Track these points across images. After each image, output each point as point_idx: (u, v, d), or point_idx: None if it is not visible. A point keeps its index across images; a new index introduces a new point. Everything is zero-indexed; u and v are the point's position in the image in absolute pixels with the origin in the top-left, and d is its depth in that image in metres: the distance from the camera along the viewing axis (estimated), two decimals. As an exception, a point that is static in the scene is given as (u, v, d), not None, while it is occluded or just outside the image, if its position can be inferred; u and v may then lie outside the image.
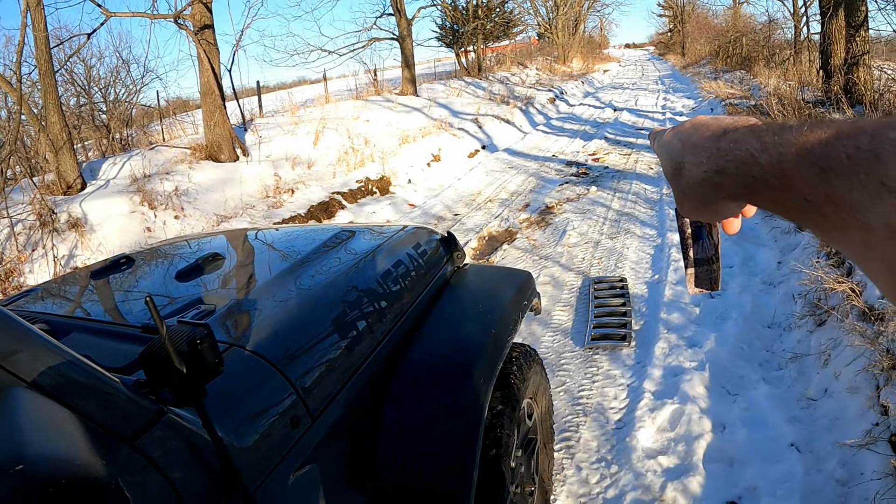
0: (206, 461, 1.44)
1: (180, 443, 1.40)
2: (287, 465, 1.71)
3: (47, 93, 9.55)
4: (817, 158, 0.49)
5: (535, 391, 3.01)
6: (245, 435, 1.62)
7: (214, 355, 1.39)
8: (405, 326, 2.52)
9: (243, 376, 1.76)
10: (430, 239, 3.13)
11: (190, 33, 11.32)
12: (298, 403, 1.81)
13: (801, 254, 5.75)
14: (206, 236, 3.55)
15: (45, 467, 0.96)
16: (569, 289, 6.25)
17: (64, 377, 1.22)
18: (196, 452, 1.43)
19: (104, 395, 1.28)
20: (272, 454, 1.68)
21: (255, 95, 16.81)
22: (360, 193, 11.03)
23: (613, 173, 11.48)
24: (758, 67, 21.33)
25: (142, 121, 14.90)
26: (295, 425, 1.78)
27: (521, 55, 35.00)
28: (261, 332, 1.95)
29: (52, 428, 1.08)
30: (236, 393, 1.70)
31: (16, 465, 0.92)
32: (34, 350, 1.20)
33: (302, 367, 1.90)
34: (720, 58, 32.38)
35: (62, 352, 1.25)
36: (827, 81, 11.63)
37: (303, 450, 1.78)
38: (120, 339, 1.90)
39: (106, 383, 1.31)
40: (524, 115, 19.85)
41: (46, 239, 7.98)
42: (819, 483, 3.27)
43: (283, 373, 1.82)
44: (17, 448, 0.95)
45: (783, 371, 4.37)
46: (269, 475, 1.64)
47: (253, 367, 1.80)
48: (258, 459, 1.62)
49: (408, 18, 20.20)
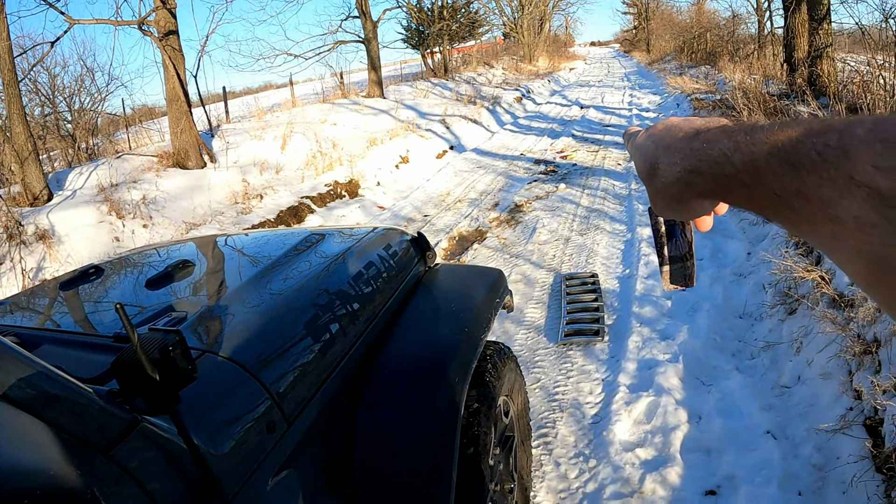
0: (183, 469, 1.42)
1: (156, 452, 1.38)
2: (264, 471, 1.69)
3: (11, 103, 9.42)
4: (788, 155, 0.51)
5: (511, 388, 3.01)
6: (221, 442, 1.60)
7: (187, 362, 1.37)
8: (378, 328, 2.51)
9: (217, 382, 1.74)
10: (401, 240, 3.12)
11: (154, 39, 11.23)
12: (274, 408, 1.79)
13: (770, 244, 5.80)
14: (176, 244, 3.51)
15: (19, 479, 0.94)
16: (540, 286, 6.26)
17: (35, 388, 1.19)
18: (172, 461, 1.41)
19: (77, 406, 1.26)
20: (249, 460, 1.66)
21: (221, 101, 16.73)
22: (329, 197, 10.99)
23: (582, 170, 11.52)
24: (722, 62, 21.49)
25: (107, 129, 14.76)
26: (271, 430, 1.76)
27: (487, 55, 35.07)
28: (233, 337, 1.93)
29: (23, 439, 1.05)
30: (211, 399, 1.68)
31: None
32: (4, 361, 1.18)
33: (276, 372, 1.88)
34: (685, 53, 32.56)
35: (32, 363, 1.23)
36: (791, 74, 11.75)
37: (279, 455, 1.77)
38: (91, 350, 1.87)
39: (78, 394, 1.28)
40: (491, 114, 19.87)
41: (14, 252, 7.88)
42: (796, 469, 3.30)
43: (258, 378, 1.80)
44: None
45: (756, 360, 4.41)
46: (246, 482, 1.62)
47: (227, 373, 1.78)
48: (235, 466, 1.60)
49: (373, 21, 20.17)
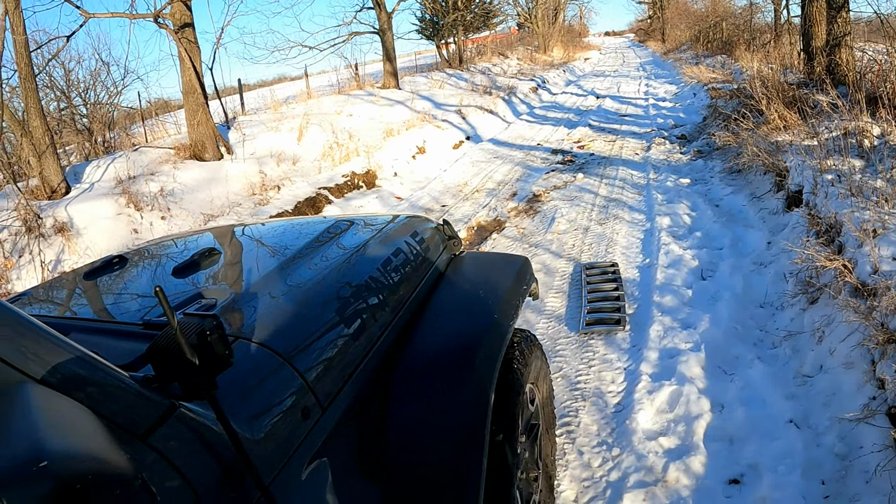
0: (221, 455, 1.42)
1: (193, 438, 1.38)
2: (299, 457, 1.70)
3: (28, 97, 9.46)
4: None
5: (537, 376, 3.01)
6: (257, 427, 1.60)
7: (224, 347, 1.37)
8: (407, 315, 2.51)
9: (252, 368, 1.74)
10: (426, 227, 3.12)
11: (170, 32, 11.24)
12: (308, 394, 1.80)
13: (791, 233, 5.76)
14: (199, 233, 3.52)
15: (70, 464, 0.94)
16: (560, 275, 6.26)
17: (75, 374, 1.20)
18: (210, 447, 1.41)
19: (115, 392, 1.27)
20: (285, 446, 1.66)
21: (236, 94, 16.74)
22: (346, 188, 11.01)
23: (599, 160, 11.50)
24: (739, 51, 21.31)
25: (124, 123, 14.80)
26: (306, 416, 1.76)
27: (501, 46, 34.96)
28: (265, 323, 1.93)
29: (69, 424, 1.06)
30: (246, 385, 1.68)
31: (39, 462, 0.90)
32: (44, 347, 1.18)
33: (309, 358, 1.88)
34: (701, 43, 32.36)
35: (71, 348, 1.23)
36: (809, 63, 11.63)
37: (314, 441, 1.77)
38: (120, 338, 1.87)
39: (117, 379, 1.29)
40: (507, 105, 19.84)
41: (33, 244, 7.92)
42: (819, 458, 3.29)
43: (292, 364, 1.81)
44: (38, 444, 0.93)
45: (778, 349, 4.39)
46: (282, 468, 1.62)
47: (261, 359, 1.78)
48: (272, 452, 1.61)
49: (388, 12, 20.11)
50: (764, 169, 7.62)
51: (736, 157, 8.76)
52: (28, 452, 0.91)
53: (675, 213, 7.49)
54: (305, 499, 1.70)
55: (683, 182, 9.04)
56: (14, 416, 1.00)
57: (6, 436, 0.95)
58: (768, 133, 8.55)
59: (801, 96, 9.39)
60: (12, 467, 0.89)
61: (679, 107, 16.69)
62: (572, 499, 3.36)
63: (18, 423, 0.99)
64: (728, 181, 8.47)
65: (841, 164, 5.98)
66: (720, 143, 10.06)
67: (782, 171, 7.02)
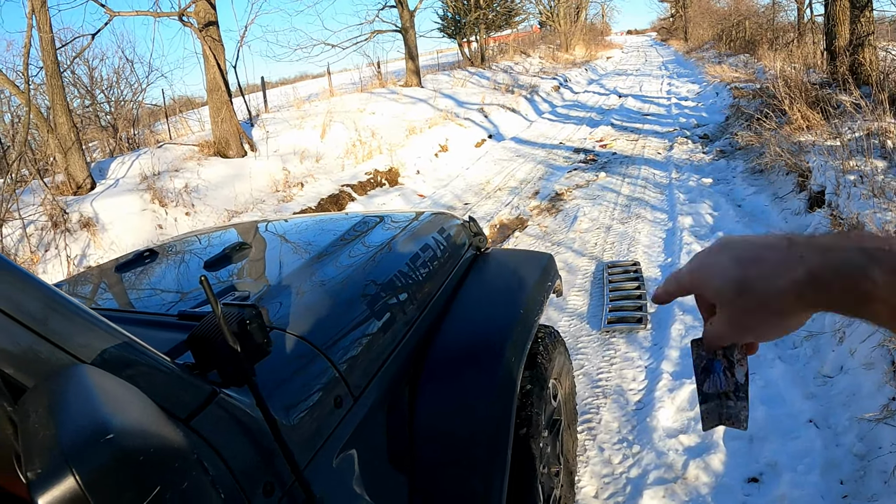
0: (258, 440, 1.46)
1: (233, 423, 1.43)
2: (331, 445, 1.74)
3: (54, 94, 9.57)
4: None
5: (560, 372, 3.04)
6: (293, 415, 1.65)
7: (263, 335, 1.41)
8: (435, 309, 2.55)
9: (288, 357, 1.79)
10: (453, 224, 3.16)
11: (194, 30, 11.34)
12: (341, 383, 1.84)
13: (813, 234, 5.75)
14: (228, 228, 3.58)
15: (133, 438, 0.98)
16: (582, 274, 6.29)
17: (123, 358, 1.25)
18: (248, 433, 1.45)
19: (160, 376, 1.31)
20: (318, 434, 1.71)
21: (259, 91, 16.82)
22: (369, 185, 11.06)
23: (622, 159, 11.50)
24: (762, 50, 21.21)
25: (148, 120, 14.91)
26: (338, 405, 1.81)
27: (523, 44, 34.93)
28: (299, 315, 1.98)
29: (125, 402, 1.10)
30: (282, 373, 1.73)
31: (106, 434, 0.94)
32: (93, 331, 1.23)
33: (341, 349, 1.93)
34: (723, 42, 32.20)
35: (120, 334, 1.28)
36: (832, 63, 11.57)
37: (345, 430, 1.82)
38: (156, 328, 1.92)
39: (163, 365, 1.34)
40: (529, 103, 19.83)
41: (59, 239, 8.02)
42: (838, 457, 3.30)
43: (326, 354, 1.85)
44: (102, 419, 0.97)
45: (798, 349, 4.39)
46: (315, 455, 1.67)
47: (296, 349, 1.83)
48: (305, 439, 1.65)
49: (410, 10, 20.17)
50: (786, 169, 7.60)
51: (758, 157, 8.74)
52: (94, 426, 0.95)
53: (697, 212, 7.49)
54: (335, 486, 1.74)
55: (706, 182, 9.02)
56: (74, 395, 1.04)
57: (72, 411, 0.99)
58: (791, 133, 8.54)
59: (824, 96, 9.37)
60: (81, 439, 0.93)
61: (701, 106, 16.62)
62: (592, 494, 3.39)
63: (79, 400, 1.03)
64: (750, 181, 8.45)
65: (864, 165, 5.97)
66: (743, 142, 10.03)
67: (805, 172, 7.01)
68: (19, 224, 8.01)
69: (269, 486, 1.47)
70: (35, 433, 0.98)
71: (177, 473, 1.03)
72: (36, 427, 0.99)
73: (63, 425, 0.96)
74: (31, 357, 1.12)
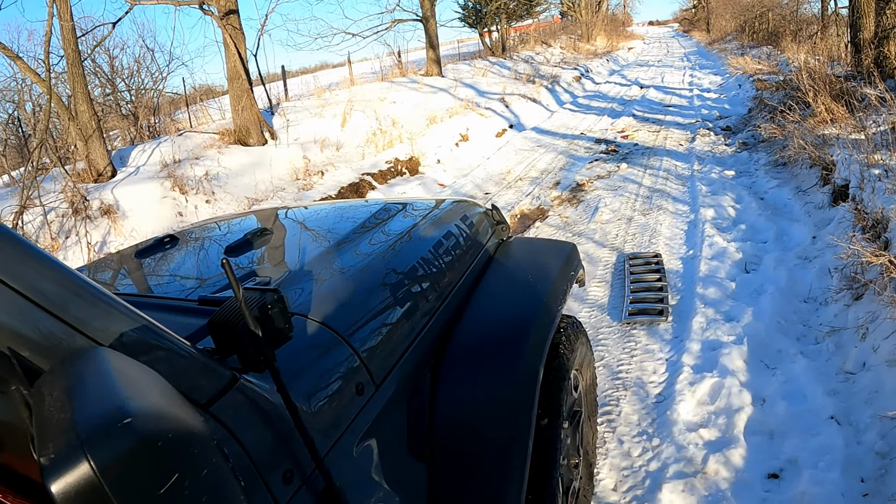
0: (278, 427, 1.46)
1: (253, 408, 1.42)
2: (352, 432, 1.74)
3: (75, 82, 9.61)
4: None
5: (581, 363, 3.02)
6: (313, 402, 1.64)
7: (285, 321, 1.41)
8: (458, 297, 2.55)
9: (309, 343, 1.78)
10: (475, 212, 3.15)
11: (215, 18, 11.35)
12: (363, 370, 1.84)
13: (836, 228, 5.70)
14: (248, 214, 3.57)
15: (152, 423, 0.97)
16: (603, 265, 6.27)
17: (144, 342, 1.24)
18: (268, 419, 1.45)
19: (180, 361, 1.30)
20: (339, 421, 1.70)
21: (279, 80, 16.84)
22: (389, 174, 11.06)
23: (643, 150, 11.45)
24: (785, 42, 21.05)
25: (168, 108, 14.96)
26: (360, 392, 1.80)
27: (544, 34, 34.78)
28: (320, 301, 1.98)
29: (145, 386, 1.09)
30: (303, 360, 1.72)
31: (124, 418, 0.93)
32: (114, 315, 1.22)
33: (363, 336, 1.92)
34: (746, 33, 31.94)
35: (140, 318, 1.27)
36: (856, 55, 11.45)
37: (366, 417, 1.81)
38: (176, 313, 1.92)
39: (183, 350, 1.33)
40: (550, 93, 19.78)
41: (79, 226, 8.06)
42: (859, 455, 3.27)
43: (347, 341, 1.85)
44: (121, 403, 0.96)
45: (821, 345, 4.36)
46: (335, 442, 1.66)
47: (318, 335, 1.82)
48: (327, 426, 1.65)
49: (431, -1, 20.13)
50: (810, 162, 7.54)
51: (781, 149, 8.67)
52: (113, 410, 0.94)
53: (719, 204, 7.44)
54: (355, 475, 1.73)
55: (728, 174, 8.97)
56: (93, 378, 1.03)
57: (89, 395, 0.98)
58: (815, 126, 8.46)
59: (849, 89, 9.28)
60: (97, 423, 0.92)
61: (724, 98, 16.52)
62: (611, 487, 3.38)
63: (98, 383, 1.02)
64: (773, 174, 8.39)
65: (889, 159, 5.91)
66: (766, 135, 9.96)
67: (828, 165, 6.95)
68: (40, 211, 8.06)
69: (289, 473, 1.46)
70: (50, 417, 0.97)
71: (196, 460, 1.02)
72: (51, 410, 0.98)
73: (79, 409, 0.95)
74: (48, 340, 1.11)
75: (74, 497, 0.85)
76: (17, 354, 1.08)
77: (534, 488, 2.31)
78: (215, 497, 1.05)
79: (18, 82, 12.97)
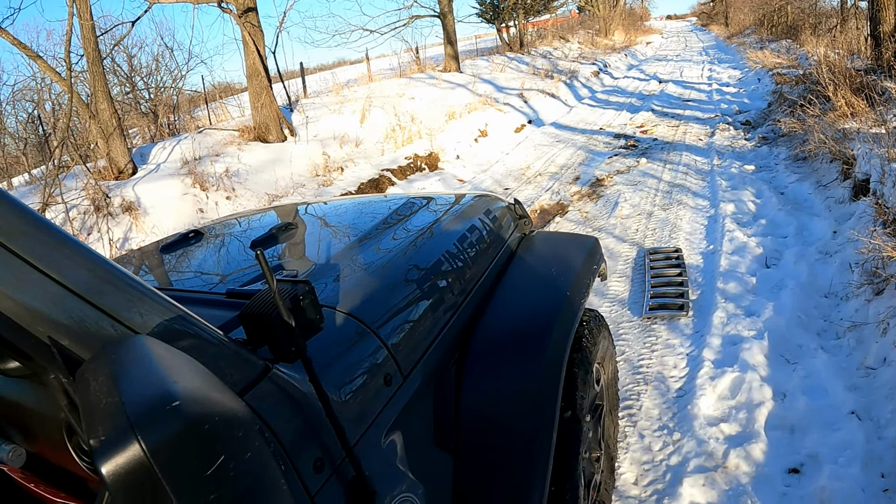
0: (309, 416, 1.48)
1: (285, 397, 1.45)
2: (381, 422, 1.76)
3: (96, 81, 9.69)
4: None
5: (603, 356, 3.04)
6: (343, 392, 1.67)
7: (316, 312, 1.43)
8: (483, 290, 2.57)
9: (339, 335, 1.81)
10: (498, 206, 3.17)
11: (234, 16, 11.40)
12: (391, 361, 1.86)
13: (857, 223, 5.68)
14: (272, 209, 3.61)
15: (198, 406, 1.00)
16: (624, 260, 6.27)
17: (180, 332, 1.27)
18: (300, 409, 1.47)
19: (216, 351, 1.33)
20: (368, 411, 1.73)
21: (298, 77, 16.88)
22: (409, 170, 11.10)
23: (662, 145, 11.42)
24: (804, 36, 20.88)
25: (187, 106, 15.03)
26: (388, 383, 1.83)
27: (562, 29, 34.71)
28: (348, 293, 2.00)
29: (188, 372, 1.12)
30: (333, 350, 1.74)
31: (172, 401, 0.96)
32: (150, 305, 1.25)
33: (391, 328, 1.95)
34: (765, 27, 31.70)
35: (176, 308, 1.30)
36: (877, 49, 11.37)
37: (394, 408, 1.83)
38: (204, 305, 1.94)
39: (218, 339, 1.36)
40: (569, 88, 19.74)
41: (101, 223, 8.14)
42: (880, 451, 3.26)
43: (376, 332, 1.87)
44: (168, 387, 0.99)
45: (841, 340, 4.35)
46: (365, 432, 1.69)
47: (347, 327, 1.85)
48: (356, 416, 1.67)
49: (448, -6, 20.09)
50: (830, 157, 7.50)
51: (802, 144, 8.63)
52: (160, 393, 0.97)
53: (739, 199, 7.42)
54: (383, 464, 1.76)
55: (748, 169, 8.93)
56: (136, 364, 1.06)
57: (134, 380, 1.01)
58: (835, 120, 8.41)
59: (869, 83, 9.21)
60: (147, 406, 0.94)
61: (743, 92, 16.43)
62: (632, 481, 3.39)
63: (142, 369, 1.04)
64: (793, 168, 8.36)
65: (910, 153, 5.88)
66: (785, 129, 9.91)
67: (849, 160, 6.92)
68: (62, 208, 8.14)
69: (319, 462, 1.49)
70: (97, 401, 0.99)
71: (241, 443, 1.05)
72: (98, 395, 1.00)
73: (127, 393, 0.97)
74: (87, 329, 1.14)
75: (125, 477, 0.88)
76: (56, 343, 1.11)
77: (556, 481, 2.33)
78: (258, 480, 1.08)
79: (38, 81, 13.09)
